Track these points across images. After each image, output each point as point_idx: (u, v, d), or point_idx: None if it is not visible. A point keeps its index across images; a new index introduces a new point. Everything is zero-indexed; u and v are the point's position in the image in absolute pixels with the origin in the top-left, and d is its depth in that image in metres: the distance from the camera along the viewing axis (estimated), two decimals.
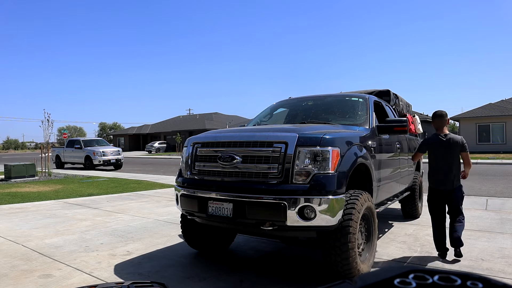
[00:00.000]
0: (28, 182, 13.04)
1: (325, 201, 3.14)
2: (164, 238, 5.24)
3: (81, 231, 5.68)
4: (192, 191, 3.78)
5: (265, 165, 3.36)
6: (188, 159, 3.94)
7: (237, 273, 3.84)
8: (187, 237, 4.39)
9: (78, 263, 4.13)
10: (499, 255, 4.29)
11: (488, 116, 29.67)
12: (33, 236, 5.35)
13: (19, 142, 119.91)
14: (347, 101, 5.07)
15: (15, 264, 4.12)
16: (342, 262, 3.24)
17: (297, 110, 5.31)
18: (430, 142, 4.37)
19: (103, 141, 23.11)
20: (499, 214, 6.61)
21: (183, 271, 3.92)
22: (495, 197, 8.82)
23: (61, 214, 7.04)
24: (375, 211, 3.84)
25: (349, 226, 3.24)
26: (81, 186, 11.67)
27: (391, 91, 6.10)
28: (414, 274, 0.60)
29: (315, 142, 3.27)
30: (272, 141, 3.40)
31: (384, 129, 4.37)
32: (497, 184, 11.44)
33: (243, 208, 3.34)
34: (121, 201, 8.64)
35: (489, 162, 20.15)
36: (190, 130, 47.21)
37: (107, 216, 6.87)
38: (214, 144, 3.78)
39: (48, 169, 16.00)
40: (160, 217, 6.74)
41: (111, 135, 66.83)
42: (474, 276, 0.58)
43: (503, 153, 26.97)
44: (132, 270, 3.93)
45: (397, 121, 4.36)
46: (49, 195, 9.61)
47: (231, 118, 56.90)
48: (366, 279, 0.61)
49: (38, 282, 3.56)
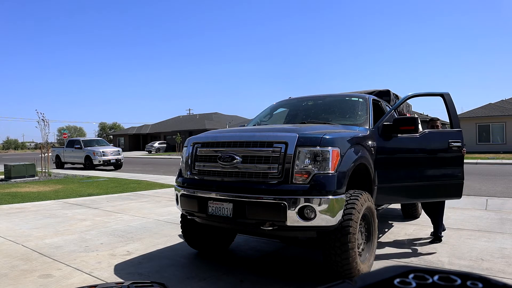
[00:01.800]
0: (28, 182, 13.04)
1: (325, 201, 3.14)
2: (164, 238, 5.24)
3: (81, 231, 5.67)
4: (192, 191, 3.78)
5: (265, 165, 3.36)
6: (188, 159, 3.94)
7: (237, 273, 3.84)
8: (187, 237, 4.39)
9: (78, 263, 4.12)
10: (499, 255, 4.29)
11: (488, 116, 29.67)
12: (33, 236, 5.35)
13: (19, 142, 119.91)
14: (347, 101, 5.07)
15: (15, 264, 4.12)
16: (342, 262, 3.24)
17: (297, 110, 5.31)
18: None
19: (103, 141, 23.11)
20: (499, 214, 6.61)
21: (183, 271, 3.92)
22: (495, 197, 8.82)
23: (61, 214, 7.04)
24: (375, 211, 3.84)
25: (349, 226, 3.24)
26: (81, 186, 11.67)
27: (391, 91, 6.10)
28: (414, 274, 0.60)
29: (315, 142, 3.27)
30: (272, 141, 3.40)
31: (389, 128, 4.20)
32: (497, 184, 11.44)
33: (243, 208, 3.34)
34: (121, 201, 8.64)
35: (489, 162, 20.15)
36: (190, 130, 47.21)
37: (107, 216, 6.87)
38: (214, 144, 3.78)
39: (48, 169, 15.99)
40: (160, 217, 6.74)
41: (111, 135, 66.82)
42: (474, 276, 0.58)
43: (503, 153, 26.96)
44: (132, 270, 3.93)
45: (403, 120, 4.12)
46: (49, 195, 9.61)
47: (231, 118, 56.88)
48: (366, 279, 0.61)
49: (38, 282, 3.56)
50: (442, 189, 4.48)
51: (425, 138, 4.43)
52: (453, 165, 4.49)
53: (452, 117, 4.69)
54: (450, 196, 4.58)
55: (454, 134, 4.51)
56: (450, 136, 4.50)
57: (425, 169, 4.41)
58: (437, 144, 4.50)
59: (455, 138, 4.47)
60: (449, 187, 4.49)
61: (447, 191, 4.51)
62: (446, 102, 4.72)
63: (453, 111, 4.69)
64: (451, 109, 4.70)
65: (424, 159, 4.43)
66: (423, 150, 4.44)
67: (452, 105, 4.72)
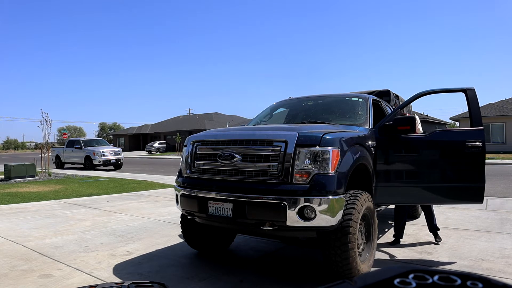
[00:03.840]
0: (28, 182, 13.04)
1: (325, 201, 3.14)
2: (164, 238, 5.24)
3: (81, 231, 5.67)
4: (192, 191, 3.78)
5: (265, 163, 3.35)
6: (188, 158, 3.94)
7: (237, 273, 3.84)
8: (187, 237, 4.39)
9: (78, 263, 4.13)
10: (499, 255, 4.29)
11: (488, 116, 29.65)
12: (33, 236, 5.35)
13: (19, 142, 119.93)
14: (347, 101, 5.07)
15: (15, 264, 4.12)
16: (342, 262, 3.24)
17: (297, 110, 5.31)
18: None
19: (103, 141, 23.11)
20: (499, 214, 6.62)
21: (183, 271, 3.92)
22: (495, 197, 8.82)
23: (61, 214, 7.04)
24: (375, 211, 3.84)
25: (349, 226, 3.24)
26: (81, 186, 11.67)
27: (391, 91, 6.10)
28: (414, 274, 0.60)
29: (315, 142, 3.27)
30: (272, 140, 3.40)
31: (386, 129, 4.13)
32: (497, 184, 11.44)
33: (243, 208, 3.34)
34: (121, 201, 8.64)
35: (489, 162, 20.14)
36: (190, 130, 47.18)
37: (107, 216, 6.87)
38: (214, 142, 3.78)
39: (48, 169, 15.99)
40: (160, 217, 6.74)
41: (111, 135, 66.84)
42: (474, 276, 0.58)
43: (503, 153, 26.97)
44: (132, 270, 3.93)
45: (401, 120, 4.03)
46: (49, 195, 9.61)
47: (231, 118, 56.89)
48: (366, 279, 0.61)
49: (38, 282, 3.56)
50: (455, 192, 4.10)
51: (435, 138, 4.15)
52: (466, 166, 4.07)
53: (473, 114, 4.25)
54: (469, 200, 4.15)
55: (474, 133, 4.09)
56: (469, 134, 4.10)
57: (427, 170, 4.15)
58: (446, 144, 4.16)
59: (475, 137, 4.03)
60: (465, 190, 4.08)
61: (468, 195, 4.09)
62: (468, 99, 4.31)
63: (475, 108, 4.25)
64: (472, 106, 4.27)
65: (428, 160, 4.17)
66: (428, 151, 4.17)
67: (475, 102, 4.30)
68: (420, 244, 4.83)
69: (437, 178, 4.12)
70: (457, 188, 4.09)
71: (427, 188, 4.15)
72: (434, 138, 4.15)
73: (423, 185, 4.13)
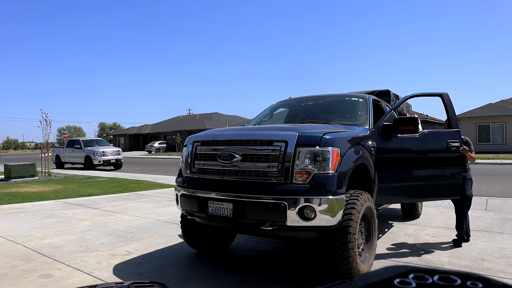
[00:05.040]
0: (28, 182, 13.04)
1: (325, 201, 3.13)
2: (164, 238, 5.24)
3: (81, 231, 5.68)
4: (192, 191, 3.78)
5: (265, 163, 3.35)
6: (188, 158, 3.94)
7: (237, 273, 3.84)
8: (187, 237, 4.39)
9: (78, 263, 4.13)
10: (499, 255, 4.29)
11: (488, 116, 29.66)
12: (33, 236, 5.35)
13: (19, 142, 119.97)
14: (347, 101, 5.07)
15: (15, 264, 4.12)
16: (342, 262, 3.24)
17: (297, 110, 5.31)
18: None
19: (103, 141, 23.11)
20: (499, 214, 6.62)
21: (183, 271, 3.92)
22: (495, 197, 8.82)
23: (61, 214, 7.04)
24: (375, 211, 3.84)
25: (349, 226, 3.24)
26: (81, 186, 11.67)
27: (391, 91, 6.10)
28: (414, 274, 0.60)
29: (315, 142, 3.27)
30: (272, 140, 3.40)
31: (389, 128, 4.20)
32: (497, 184, 11.43)
33: (243, 208, 3.34)
34: (121, 201, 8.64)
35: (489, 162, 20.14)
36: (190, 130, 47.16)
37: (107, 216, 6.87)
38: (214, 142, 3.78)
39: (48, 169, 15.99)
40: (160, 217, 6.74)
41: (111, 135, 66.83)
42: (474, 276, 0.58)
43: (503, 153, 26.95)
44: (132, 270, 3.93)
45: (403, 120, 4.12)
46: (49, 195, 9.61)
47: (231, 118, 56.88)
48: (366, 279, 0.61)
49: (38, 282, 3.56)
50: (441, 189, 4.52)
51: (424, 138, 4.45)
52: (451, 165, 4.52)
53: (450, 117, 4.74)
54: (447, 195, 4.63)
55: (453, 134, 4.56)
56: (449, 136, 4.53)
57: (424, 169, 4.44)
58: (435, 144, 4.53)
59: (454, 138, 4.52)
60: (447, 187, 4.53)
61: (445, 191, 4.55)
62: (445, 102, 4.78)
63: (451, 111, 4.74)
64: (449, 109, 4.76)
65: (423, 159, 4.45)
66: (422, 150, 4.46)
67: (451, 105, 4.78)
68: (420, 244, 4.83)
69: (426, 176, 4.47)
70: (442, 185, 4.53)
71: (418, 185, 4.43)
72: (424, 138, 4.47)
73: (414, 183, 4.41)
